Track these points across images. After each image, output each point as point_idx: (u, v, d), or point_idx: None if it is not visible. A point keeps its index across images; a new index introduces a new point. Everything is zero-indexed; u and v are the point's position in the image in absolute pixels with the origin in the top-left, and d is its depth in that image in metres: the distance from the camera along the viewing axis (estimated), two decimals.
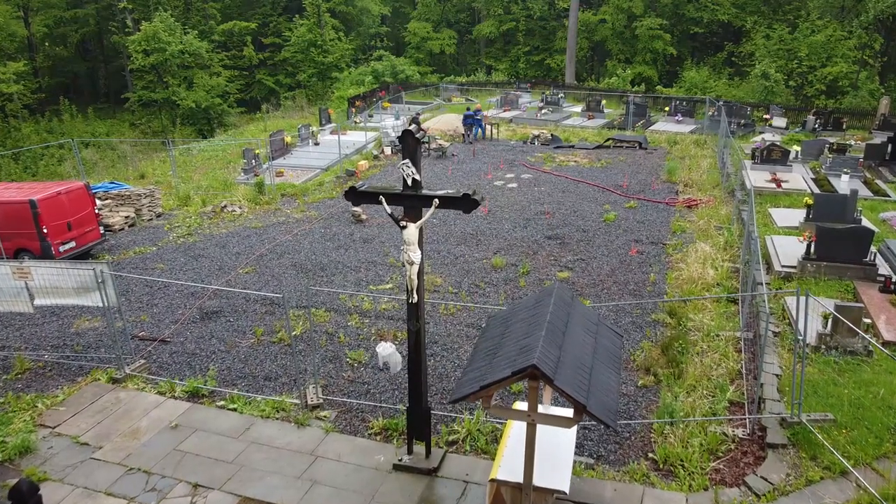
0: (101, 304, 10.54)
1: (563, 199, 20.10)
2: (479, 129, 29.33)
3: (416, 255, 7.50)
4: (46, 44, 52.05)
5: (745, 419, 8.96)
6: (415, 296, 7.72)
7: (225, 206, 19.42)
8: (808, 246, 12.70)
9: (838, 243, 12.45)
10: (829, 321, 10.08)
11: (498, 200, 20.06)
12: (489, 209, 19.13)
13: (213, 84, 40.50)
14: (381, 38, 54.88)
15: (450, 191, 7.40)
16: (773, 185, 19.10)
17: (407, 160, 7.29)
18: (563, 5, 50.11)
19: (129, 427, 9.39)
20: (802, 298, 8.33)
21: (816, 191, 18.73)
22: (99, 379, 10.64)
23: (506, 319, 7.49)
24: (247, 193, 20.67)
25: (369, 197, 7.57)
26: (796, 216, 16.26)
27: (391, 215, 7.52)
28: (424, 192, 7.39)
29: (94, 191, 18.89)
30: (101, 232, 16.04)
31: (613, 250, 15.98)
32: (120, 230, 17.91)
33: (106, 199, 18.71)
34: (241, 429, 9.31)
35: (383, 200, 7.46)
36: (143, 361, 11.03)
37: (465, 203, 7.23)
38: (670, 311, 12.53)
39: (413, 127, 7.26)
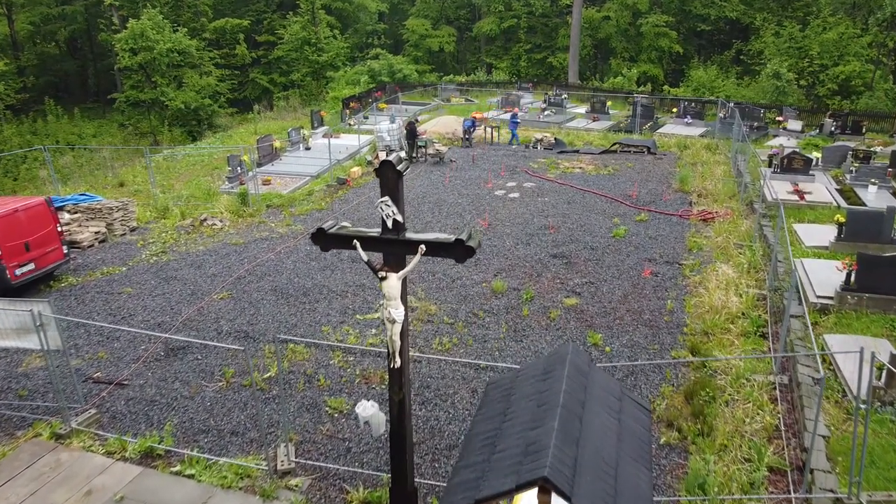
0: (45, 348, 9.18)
1: (569, 212, 18.71)
2: (514, 135, 27.72)
3: (398, 313, 6.11)
4: (35, 41, 50.67)
5: (791, 497, 7.58)
6: (397, 359, 6.33)
7: (205, 220, 18.05)
8: (848, 275, 11.31)
9: (883, 272, 11.06)
10: (885, 373, 8.69)
11: (499, 213, 18.67)
12: (489, 223, 17.75)
13: (203, 84, 39.05)
14: (378, 36, 53.44)
15: (440, 235, 6.01)
16: (796, 197, 17.70)
17: (386, 197, 5.91)
18: (566, 1, 48.65)
19: (66, 500, 8.02)
20: (860, 354, 6.96)
21: (843, 203, 17.33)
22: (41, 434, 9.27)
23: (508, 392, 6.12)
24: (229, 204, 19.27)
25: (341, 241, 6.18)
26: (825, 234, 14.86)
27: (368, 263, 6.14)
28: (408, 236, 6.00)
29: (63, 203, 17.58)
30: (65, 252, 14.64)
31: (625, 271, 14.60)
32: (89, 247, 16.53)
33: (75, 212, 17.32)
34: (198, 503, 7.93)
35: (358, 245, 6.08)
36: (93, 412, 9.65)
37: (458, 250, 5.84)
38: (692, 348, 11.17)
39: (394, 157, 5.88)
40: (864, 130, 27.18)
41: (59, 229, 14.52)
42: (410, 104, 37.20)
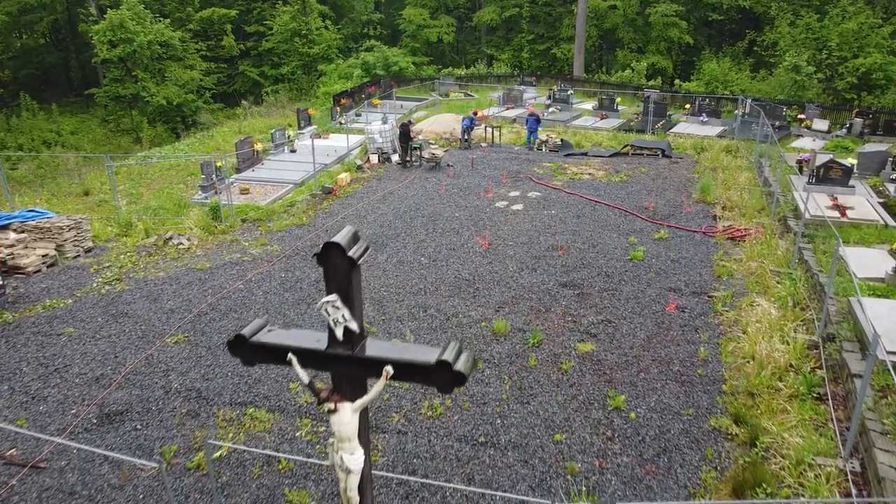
0: None
1: (579, 228, 16.72)
2: (534, 136, 25.50)
3: (354, 460, 4.15)
4: (15, 33, 48.46)
5: None
6: None
7: (170, 238, 16.06)
8: None
9: None
10: None
11: (500, 229, 16.68)
12: (490, 242, 15.76)
13: (187, 79, 36.90)
14: (374, 26, 51.15)
15: (414, 353, 4.02)
16: (836, 214, 15.69)
17: (334, 296, 3.92)
18: None
19: None
20: None
21: (890, 222, 15.33)
22: None
23: None
24: (199, 219, 17.25)
25: (269, 354, 4.21)
26: (878, 262, 12.85)
27: (310, 387, 4.18)
28: (368, 352, 4.02)
29: (9, 220, 15.58)
30: (0, 283, 12.66)
31: (646, 305, 12.63)
32: (35, 272, 14.54)
33: (22, 231, 15.32)
34: None
35: (295, 362, 4.11)
36: None
37: (442, 377, 3.87)
38: (736, 415, 9.21)
39: (344, 237, 3.88)
40: None
41: None
42: (406, 99, 35.09)
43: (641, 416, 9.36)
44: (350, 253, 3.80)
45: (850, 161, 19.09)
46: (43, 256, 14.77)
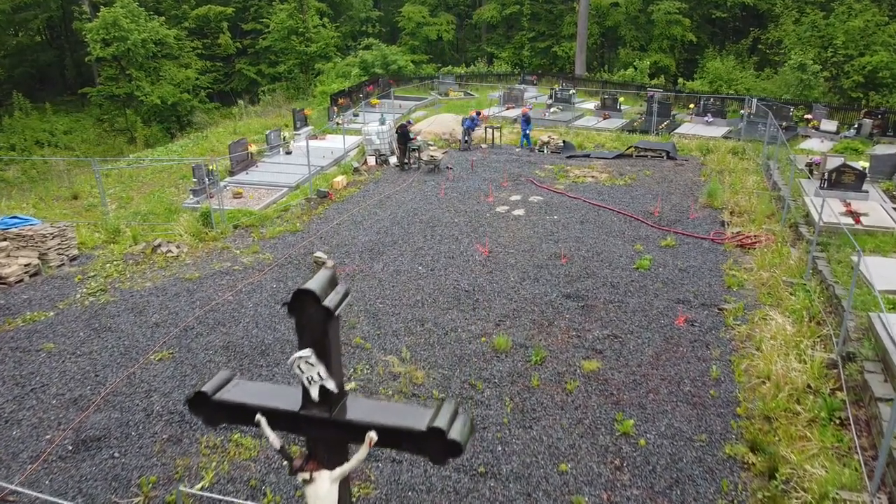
0: None
1: (583, 234, 16.14)
2: (526, 138, 24.91)
3: None
4: (10, 32, 47.86)
5: None
6: None
7: (158, 246, 15.48)
8: None
9: None
10: None
11: (501, 236, 16.10)
12: (490, 250, 15.18)
13: (182, 77, 36.28)
14: (372, 24, 50.48)
15: (401, 416, 3.44)
16: (850, 220, 15.10)
17: (308, 351, 3.35)
18: None
19: None
20: None
21: None
22: None
23: None
24: (190, 225, 16.66)
25: (234, 413, 3.64)
26: None
27: (281, 452, 3.62)
28: (349, 416, 3.45)
29: None
30: None
31: (654, 318, 12.06)
32: (17, 282, 13.97)
33: (4, 239, 14.75)
34: None
35: (264, 424, 3.54)
36: None
37: (432, 446, 3.30)
38: (752, 443, 8.63)
39: (318, 283, 3.30)
40: None
41: None
42: (405, 99, 34.46)
43: (651, 442, 8.79)
44: (325, 302, 3.23)
45: (863, 164, 18.51)
46: (25, 266, 14.20)
